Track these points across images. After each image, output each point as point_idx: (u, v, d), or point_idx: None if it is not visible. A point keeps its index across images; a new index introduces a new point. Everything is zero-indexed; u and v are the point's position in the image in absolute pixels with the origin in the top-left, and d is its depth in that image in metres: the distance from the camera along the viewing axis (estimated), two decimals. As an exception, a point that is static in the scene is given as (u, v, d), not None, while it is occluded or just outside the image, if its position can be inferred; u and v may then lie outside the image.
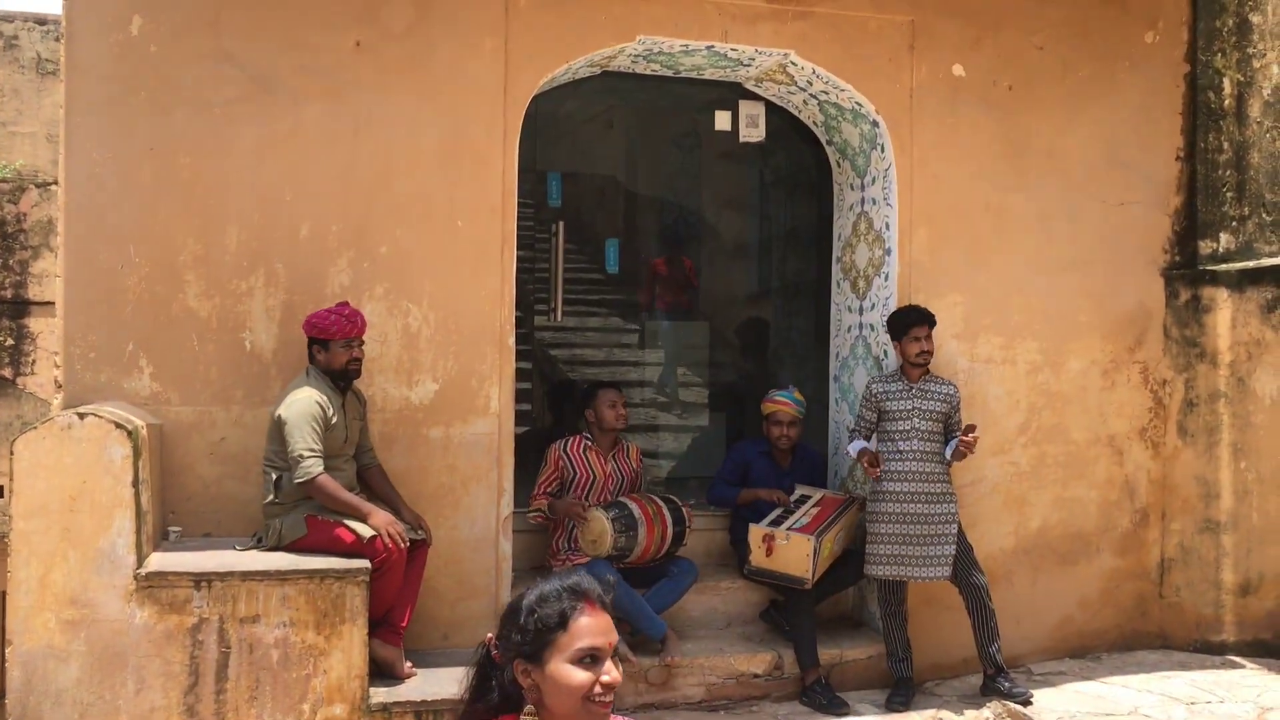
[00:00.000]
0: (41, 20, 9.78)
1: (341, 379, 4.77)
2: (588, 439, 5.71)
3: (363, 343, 4.83)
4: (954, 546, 5.37)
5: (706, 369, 8.48)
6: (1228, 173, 6.33)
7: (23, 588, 4.20)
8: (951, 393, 5.49)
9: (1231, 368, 6.17)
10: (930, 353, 5.44)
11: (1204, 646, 6.15)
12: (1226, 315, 6.18)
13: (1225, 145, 6.33)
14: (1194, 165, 6.37)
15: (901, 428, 5.40)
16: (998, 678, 5.38)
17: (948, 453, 5.42)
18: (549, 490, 5.61)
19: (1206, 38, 6.38)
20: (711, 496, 6.10)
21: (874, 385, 5.52)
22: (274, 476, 4.64)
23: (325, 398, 4.65)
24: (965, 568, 5.42)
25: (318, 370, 4.75)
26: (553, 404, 7.85)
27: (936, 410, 5.42)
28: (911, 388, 5.44)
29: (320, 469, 4.53)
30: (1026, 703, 5.28)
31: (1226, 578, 6.14)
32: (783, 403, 5.93)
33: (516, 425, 5.47)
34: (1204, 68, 6.38)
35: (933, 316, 5.49)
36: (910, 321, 5.45)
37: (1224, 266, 6.25)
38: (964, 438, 5.29)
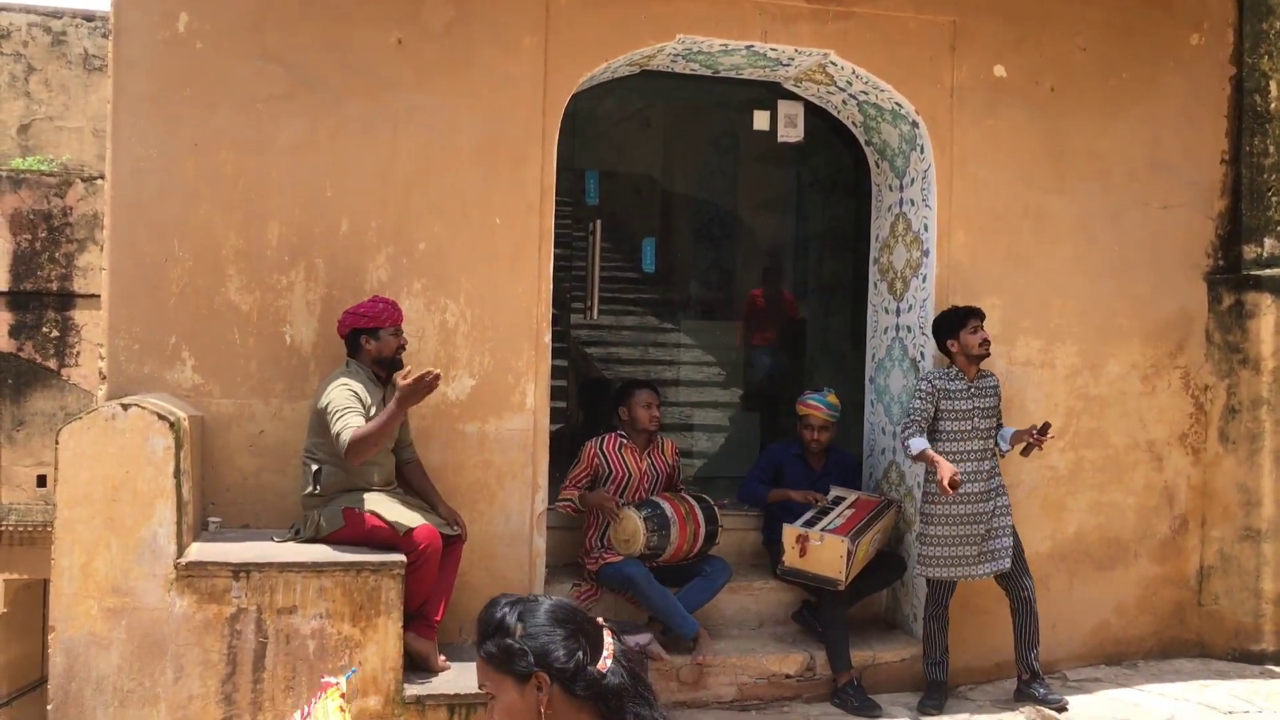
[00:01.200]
0: (89, 17, 9.93)
1: (390, 367, 4.83)
2: (623, 437, 5.73)
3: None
4: (1011, 538, 5.37)
5: (742, 369, 8.47)
6: (1273, 177, 6.24)
7: (66, 575, 4.27)
8: (997, 384, 5.50)
9: (1275, 374, 6.08)
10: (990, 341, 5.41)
11: (1243, 656, 6.07)
12: (1270, 321, 6.10)
13: (1271, 149, 6.24)
14: (1239, 169, 6.29)
15: (963, 428, 5.35)
16: (1033, 683, 5.35)
17: (1004, 444, 5.42)
18: (581, 485, 5.63)
19: (1253, 40, 6.30)
20: (742, 494, 6.10)
21: (936, 380, 5.37)
22: (314, 468, 4.68)
23: (363, 387, 4.71)
24: (1017, 570, 5.40)
25: (358, 364, 4.80)
26: (585, 401, 7.88)
27: (992, 406, 5.44)
28: (971, 386, 5.39)
29: (350, 434, 4.48)
30: (1062, 709, 5.24)
31: (1267, 586, 6.06)
32: (815, 406, 5.91)
33: (551, 422, 5.49)
34: (1250, 70, 6.30)
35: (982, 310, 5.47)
36: (965, 313, 5.41)
37: (1268, 272, 6.16)
38: (1040, 437, 5.26)
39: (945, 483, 5.06)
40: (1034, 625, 5.38)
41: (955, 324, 5.40)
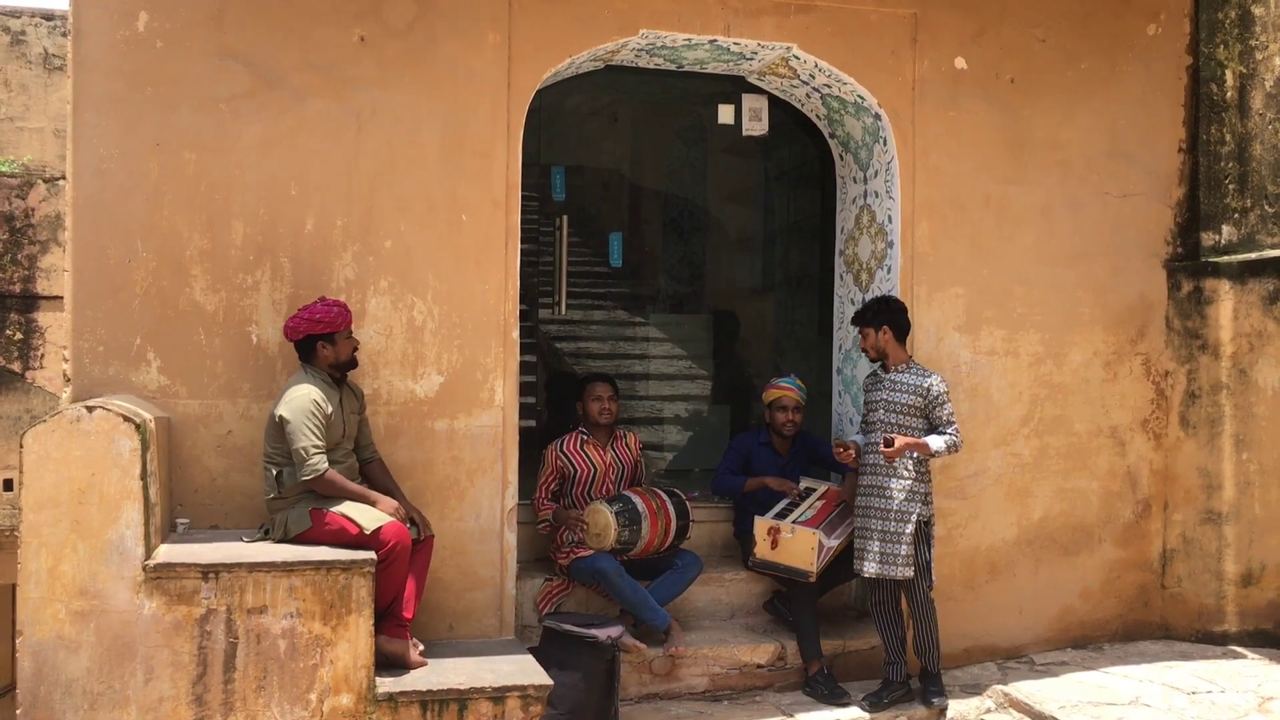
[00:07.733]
0: (49, 16, 9.82)
1: (346, 369, 4.84)
2: (583, 433, 5.75)
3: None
4: (909, 547, 5.15)
5: (710, 361, 8.51)
6: (1230, 164, 6.34)
7: (33, 579, 4.25)
8: (929, 385, 5.25)
9: (1233, 359, 6.18)
10: (870, 349, 5.38)
11: (1206, 637, 6.17)
12: (1228, 307, 6.19)
13: (1227, 137, 6.34)
14: (1196, 157, 6.38)
15: (870, 419, 5.39)
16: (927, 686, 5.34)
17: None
18: (551, 489, 5.66)
19: (1209, 29, 6.39)
20: (716, 486, 6.12)
21: (866, 377, 5.57)
22: (275, 472, 4.68)
23: (322, 393, 4.71)
24: (917, 585, 5.26)
25: (313, 368, 4.80)
26: (554, 396, 7.89)
27: (903, 403, 5.25)
28: (882, 379, 5.39)
29: (326, 465, 4.59)
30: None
31: (1228, 568, 6.16)
32: (786, 388, 5.98)
33: (521, 418, 5.50)
34: (1206, 59, 6.39)
35: (866, 315, 5.39)
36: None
37: (1226, 258, 6.26)
38: (884, 447, 5.15)
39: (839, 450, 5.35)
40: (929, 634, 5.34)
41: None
